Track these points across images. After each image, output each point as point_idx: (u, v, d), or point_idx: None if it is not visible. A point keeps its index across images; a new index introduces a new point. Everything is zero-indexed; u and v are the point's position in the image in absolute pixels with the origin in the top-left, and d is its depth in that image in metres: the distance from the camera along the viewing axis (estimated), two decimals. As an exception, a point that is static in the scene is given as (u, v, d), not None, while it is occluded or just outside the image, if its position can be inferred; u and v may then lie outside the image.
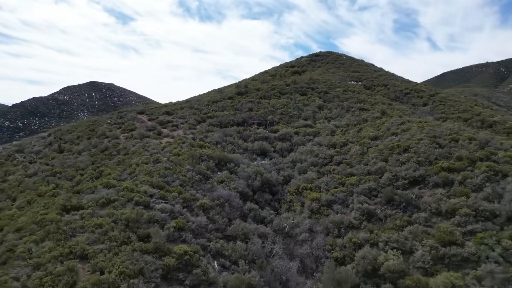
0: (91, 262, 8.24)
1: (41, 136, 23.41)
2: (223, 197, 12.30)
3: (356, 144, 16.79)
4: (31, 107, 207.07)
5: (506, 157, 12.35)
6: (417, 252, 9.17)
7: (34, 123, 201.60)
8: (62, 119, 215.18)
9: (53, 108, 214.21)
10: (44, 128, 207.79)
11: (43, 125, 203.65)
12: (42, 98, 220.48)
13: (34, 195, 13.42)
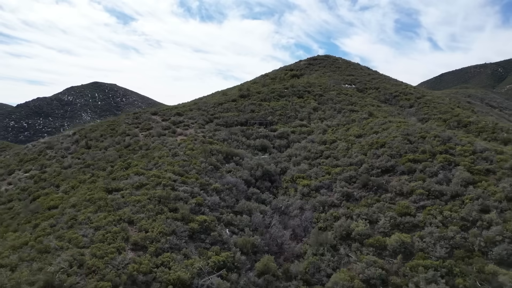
0: (137, 225, 11.15)
1: (66, 134, 26.32)
2: (231, 183, 15.18)
3: (343, 141, 19.66)
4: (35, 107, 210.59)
5: (461, 151, 15.23)
6: (380, 221, 12.05)
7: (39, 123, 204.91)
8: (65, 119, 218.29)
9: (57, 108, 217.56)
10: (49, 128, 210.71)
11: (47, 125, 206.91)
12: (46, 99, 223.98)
13: (76, 182, 16.34)
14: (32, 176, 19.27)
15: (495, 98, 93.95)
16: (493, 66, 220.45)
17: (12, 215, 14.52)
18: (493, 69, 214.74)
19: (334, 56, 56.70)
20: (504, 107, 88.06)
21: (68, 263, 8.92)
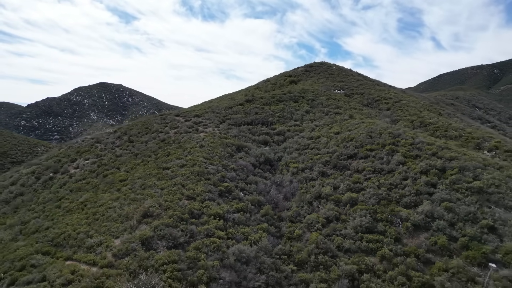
0: (186, 187, 17.75)
1: (108, 132, 32.96)
2: (242, 165, 21.77)
3: (325, 137, 26.22)
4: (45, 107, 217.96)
5: (403, 143, 21.76)
6: (340, 187, 18.62)
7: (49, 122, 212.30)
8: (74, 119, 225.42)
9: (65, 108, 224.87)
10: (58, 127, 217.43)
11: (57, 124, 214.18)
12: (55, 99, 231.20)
13: (132, 165, 22.98)
14: (93, 162, 25.94)
15: (482, 99, 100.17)
16: (489, 67, 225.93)
17: (92, 186, 21.17)
18: (489, 71, 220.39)
19: (328, 63, 63.20)
20: (490, 108, 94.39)
21: (153, 204, 15.56)
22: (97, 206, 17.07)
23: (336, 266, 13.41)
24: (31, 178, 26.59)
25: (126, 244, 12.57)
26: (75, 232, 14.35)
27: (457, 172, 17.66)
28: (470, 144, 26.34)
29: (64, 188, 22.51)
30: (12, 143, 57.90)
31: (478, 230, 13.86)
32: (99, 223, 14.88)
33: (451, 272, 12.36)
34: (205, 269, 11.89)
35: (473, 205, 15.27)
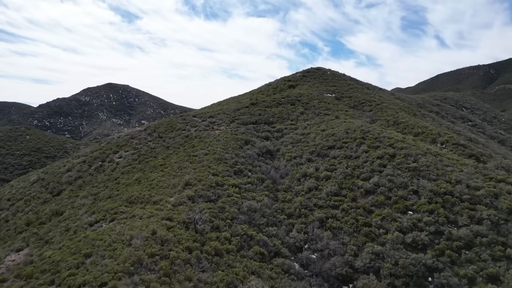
0: (211, 167, 25.15)
1: (139, 130, 40.42)
2: (249, 154, 29.17)
3: (313, 133, 33.56)
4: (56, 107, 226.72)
5: (370, 137, 29.06)
6: (320, 168, 25.95)
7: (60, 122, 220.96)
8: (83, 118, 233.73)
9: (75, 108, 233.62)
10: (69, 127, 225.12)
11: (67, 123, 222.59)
12: (65, 99, 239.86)
13: (166, 154, 30.43)
14: (133, 153, 33.42)
15: (470, 100, 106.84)
16: (485, 68, 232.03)
17: (139, 169, 28.62)
18: (485, 71, 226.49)
19: (324, 68, 70.40)
20: (477, 108, 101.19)
21: (191, 178, 23.00)
22: (149, 181, 24.55)
23: (312, 215, 20.79)
24: (84, 166, 34.17)
25: (178, 199, 20.00)
26: (141, 195, 21.79)
27: (402, 157, 24.99)
28: (428, 138, 33.66)
29: (115, 171, 30.02)
30: (45, 140, 65.67)
31: (406, 193, 21.20)
32: (155, 190, 22.32)
33: (383, 216, 19.70)
34: (229, 213, 19.30)
35: (407, 178, 22.60)
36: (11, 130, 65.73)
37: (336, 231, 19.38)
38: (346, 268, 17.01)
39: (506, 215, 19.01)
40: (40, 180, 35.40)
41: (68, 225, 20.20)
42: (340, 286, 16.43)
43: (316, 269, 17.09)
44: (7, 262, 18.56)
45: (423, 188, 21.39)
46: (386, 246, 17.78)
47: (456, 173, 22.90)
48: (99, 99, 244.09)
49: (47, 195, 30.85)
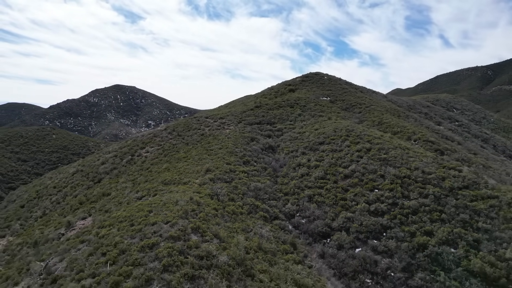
0: (225, 159, 31.84)
1: (160, 129, 47.20)
2: (255, 149, 35.85)
3: (308, 132, 40.18)
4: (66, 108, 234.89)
5: (353, 135, 35.65)
6: (311, 159, 32.58)
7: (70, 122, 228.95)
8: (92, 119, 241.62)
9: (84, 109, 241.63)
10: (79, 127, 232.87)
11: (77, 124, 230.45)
12: (75, 100, 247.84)
13: (187, 149, 37.17)
14: (158, 149, 40.19)
15: (462, 101, 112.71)
16: (483, 69, 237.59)
17: (166, 161, 35.36)
18: (483, 72, 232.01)
19: (322, 73, 76.92)
20: (467, 109, 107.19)
21: (210, 166, 29.74)
22: (177, 169, 31.29)
23: (302, 193, 27.44)
24: (116, 159, 41.03)
25: (202, 181, 26.71)
26: (172, 178, 28.51)
27: (376, 150, 31.58)
28: (405, 136, 40.22)
29: (145, 163, 36.83)
30: (69, 139, 72.79)
31: (375, 176, 27.79)
32: (183, 175, 29.04)
33: (355, 193, 26.31)
34: (240, 190, 25.99)
35: (377, 166, 29.20)
36: (39, 129, 72.83)
37: (320, 204, 26.04)
38: (325, 227, 23.66)
39: (447, 191, 25.62)
40: (79, 172, 42.35)
41: (119, 200, 26.97)
42: (321, 239, 23.06)
43: (304, 229, 23.77)
44: (78, 225, 25.37)
45: (388, 173, 28.00)
46: (355, 213, 24.41)
47: (416, 162, 29.49)
48: (107, 100, 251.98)
49: (89, 182, 37.75)
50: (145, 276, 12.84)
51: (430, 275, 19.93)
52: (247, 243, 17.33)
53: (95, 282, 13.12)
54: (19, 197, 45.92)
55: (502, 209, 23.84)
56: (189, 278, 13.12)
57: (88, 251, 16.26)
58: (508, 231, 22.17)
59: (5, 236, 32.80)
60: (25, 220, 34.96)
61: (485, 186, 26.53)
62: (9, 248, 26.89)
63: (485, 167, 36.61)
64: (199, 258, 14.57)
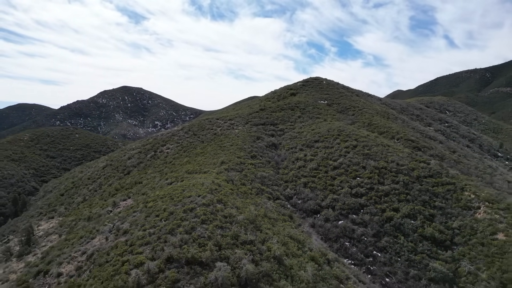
0: (235, 154, 38.52)
1: (177, 129, 53.95)
2: (260, 146, 42.52)
3: (305, 132, 46.78)
4: (76, 109, 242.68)
5: (343, 134, 42.22)
6: (307, 155, 39.19)
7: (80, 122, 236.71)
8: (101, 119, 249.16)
9: (93, 109, 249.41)
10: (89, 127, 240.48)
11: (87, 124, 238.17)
12: (84, 101, 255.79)
13: (203, 146, 43.89)
14: (177, 146, 46.92)
15: (455, 104, 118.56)
16: (482, 71, 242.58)
17: (186, 156, 42.10)
18: (482, 74, 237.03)
19: (321, 78, 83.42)
20: (460, 111, 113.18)
21: (224, 159, 36.45)
22: (196, 162, 37.99)
23: (299, 180, 34.05)
24: (141, 155, 47.85)
25: (219, 170, 33.38)
26: (194, 169, 35.19)
27: (361, 147, 38.13)
28: (389, 135, 46.69)
29: (168, 157, 43.58)
30: (90, 138, 79.88)
31: (357, 167, 34.34)
32: (203, 166, 35.73)
33: (341, 180, 32.86)
34: (249, 177, 32.64)
35: (360, 159, 35.75)
36: (63, 129, 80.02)
37: (312, 189, 32.67)
38: (316, 206, 30.28)
39: (415, 179, 32.17)
40: (108, 166, 49.25)
41: (152, 186, 33.72)
42: (312, 215, 29.67)
43: (299, 207, 30.41)
44: (122, 204, 32.11)
45: (369, 165, 34.58)
46: (340, 195, 31.01)
47: (393, 156, 36.05)
48: (115, 101, 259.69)
49: (120, 174, 44.59)
50: (190, 225, 19.51)
51: (393, 239, 26.51)
52: (256, 211, 23.96)
53: (157, 230, 19.81)
54: (55, 188, 52.93)
55: (456, 192, 30.43)
56: (219, 227, 19.80)
57: (144, 215, 23.01)
58: (457, 208, 28.75)
59: (54, 217, 39.70)
60: (68, 204, 41.84)
61: (446, 175, 33.09)
62: (64, 224, 33.77)
63: (456, 161, 43.06)
64: (224, 217, 21.25)
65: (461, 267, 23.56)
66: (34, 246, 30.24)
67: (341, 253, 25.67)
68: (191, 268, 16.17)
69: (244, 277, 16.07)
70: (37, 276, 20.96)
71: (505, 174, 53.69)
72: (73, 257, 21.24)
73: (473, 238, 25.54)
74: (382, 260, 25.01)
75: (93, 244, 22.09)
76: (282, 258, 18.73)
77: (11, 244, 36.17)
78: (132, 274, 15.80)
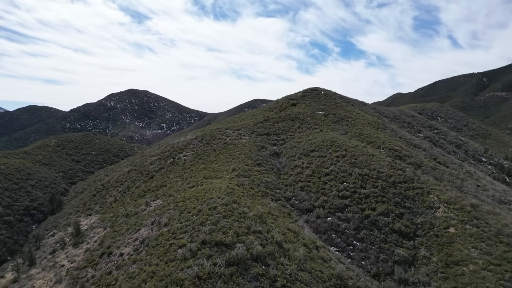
0: (244, 161, 45.99)
1: (191, 138, 61.46)
2: (264, 154, 49.99)
3: (304, 142, 54.19)
4: (85, 111, 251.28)
5: (335, 145, 49.60)
6: (304, 162, 46.60)
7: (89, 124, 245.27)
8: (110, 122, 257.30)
9: (102, 112, 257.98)
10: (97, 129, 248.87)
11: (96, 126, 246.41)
12: (93, 104, 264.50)
13: (216, 154, 51.38)
14: (193, 154, 54.42)
15: (447, 110, 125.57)
16: (479, 75, 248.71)
17: (201, 163, 49.61)
18: (479, 79, 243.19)
19: (319, 88, 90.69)
20: (451, 117, 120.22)
21: (234, 166, 43.95)
22: (211, 168, 45.46)
23: (297, 185, 41.46)
24: (162, 161, 55.46)
25: (231, 176, 40.83)
26: (210, 175, 42.66)
27: (349, 156, 45.49)
28: (376, 145, 54.04)
29: (186, 164, 51.12)
30: (109, 143, 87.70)
31: (345, 174, 41.71)
32: (217, 172, 43.19)
33: (331, 184, 40.25)
34: (255, 182, 40.10)
35: (348, 167, 43.11)
36: (84, 135, 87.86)
37: (308, 192, 40.10)
38: (310, 206, 37.70)
39: (391, 184, 39.55)
40: (133, 170, 56.89)
41: (176, 189, 41.22)
42: (307, 213, 37.09)
43: (296, 207, 37.85)
44: (153, 204, 39.63)
45: (354, 172, 41.96)
46: (330, 197, 38.41)
47: (375, 165, 43.42)
48: (122, 104, 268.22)
49: (144, 178, 52.20)
50: (215, 219, 26.97)
51: (370, 232, 33.91)
52: (263, 210, 31.40)
53: (190, 223, 27.27)
54: (85, 189, 60.67)
55: (422, 195, 37.83)
56: (236, 221, 27.25)
57: (178, 212, 30.52)
58: (422, 208, 36.15)
59: (91, 214, 47.32)
60: (102, 204, 49.48)
61: (417, 181, 40.47)
62: (105, 220, 41.36)
63: (432, 168, 50.33)
64: (239, 213, 28.71)
65: (419, 253, 30.96)
66: (84, 237, 37.85)
67: (328, 242, 33.08)
68: (219, 247, 23.64)
69: (256, 254, 23.49)
70: (102, 257, 28.54)
71: (481, 178, 61.00)
72: (128, 243, 28.80)
73: (430, 231, 32.94)
74: (359, 248, 32.41)
75: (141, 234, 29.62)
76: (282, 243, 26.14)
77: (57, 237, 44.01)
78: (179, 251, 23.31)
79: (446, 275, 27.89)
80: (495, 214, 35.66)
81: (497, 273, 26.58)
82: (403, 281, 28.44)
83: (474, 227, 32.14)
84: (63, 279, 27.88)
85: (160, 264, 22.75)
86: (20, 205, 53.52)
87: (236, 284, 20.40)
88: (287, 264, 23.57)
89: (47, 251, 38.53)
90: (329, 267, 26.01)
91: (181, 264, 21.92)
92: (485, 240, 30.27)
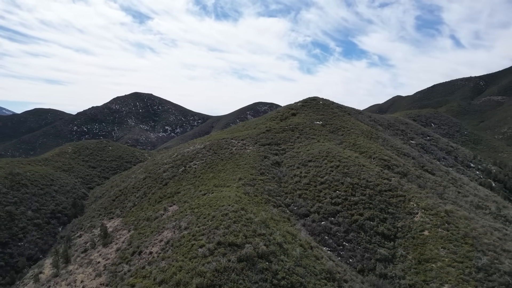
0: (248, 171, 51.89)
1: (200, 147, 67.38)
2: (266, 164, 55.88)
3: (302, 152, 60.06)
4: (91, 114, 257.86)
5: (330, 155, 55.43)
6: (302, 172, 52.48)
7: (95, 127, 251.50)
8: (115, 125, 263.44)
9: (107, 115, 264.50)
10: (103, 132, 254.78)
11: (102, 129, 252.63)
12: (99, 107, 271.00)
13: (223, 163, 57.31)
14: (202, 162, 60.31)
15: (440, 116, 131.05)
16: (476, 79, 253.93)
17: (211, 172, 55.52)
18: (476, 83, 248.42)
19: (318, 98, 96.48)
20: (444, 123, 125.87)
21: (240, 175, 49.86)
22: (220, 177, 51.35)
23: (295, 193, 47.33)
24: (174, 169, 61.43)
25: (238, 184, 46.72)
26: (219, 183, 48.51)
27: (343, 166, 51.33)
28: (367, 155, 59.88)
29: (197, 172, 57.04)
30: (121, 150, 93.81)
31: (337, 183, 47.57)
32: (225, 181, 49.08)
33: (325, 192, 46.11)
34: (259, 190, 46.00)
35: (340, 176, 48.96)
36: (98, 142, 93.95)
37: (305, 199, 45.97)
38: (306, 211, 43.57)
39: (377, 192, 45.41)
40: (148, 177, 62.91)
41: (190, 196, 47.13)
42: (304, 217, 42.96)
43: (295, 212, 43.73)
44: (170, 209, 45.54)
45: (346, 181, 47.81)
46: (324, 204, 44.28)
47: (365, 174, 49.26)
48: (127, 107, 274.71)
49: (159, 184, 58.17)
50: (227, 224, 32.84)
51: (357, 234, 39.77)
52: (266, 216, 37.28)
53: (207, 227, 33.18)
54: (104, 194, 66.71)
55: (404, 202, 43.68)
56: (244, 225, 33.14)
57: (195, 218, 36.44)
58: (403, 213, 42.00)
59: (113, 218, 53.32)
60: (122, 208, 55.46)
61: (401, 189, 46.30)
62: (128, 223, 47.31)
63: (417, 176, 56.14)
64: (246, 219, 34.61)
65: (397, 252, 36.83)
66: (112, 238, 43.82)
67: (322, 243, 38.95)
68: (231, 247, 29.55)
69: (261, 253, 29.38)
70: (133, 255, 34.49)
71: (464, 185, 66.85)
72: (154, 243, 34.75)
73: (408, 233, 38.79)
74: (348, 248, 38.29)
75: (165, 235, 35.56)
76: (282, 244, 32.04)
77: (85, 238, 50.06)
78: (199, 250, 29.24)
79: (417, 270, 33.75)
80: (467, 218, 41.50)
81: (459, 269, 32.43)
82: (383, 276, 34.29)
83: (445, 230, 37.97)
84: (102, 273, 33.86)
85: (185, 260, 28.67)
86: (47, 209, 59.49)
87: (246, 276, 26.31)
88: (286, 261, 29.45)
89: (78, 250, 44.53)
90: (321, 264, 31.90)
91: (202, 260, 27.85)
92: (453, 241, 36.11)
